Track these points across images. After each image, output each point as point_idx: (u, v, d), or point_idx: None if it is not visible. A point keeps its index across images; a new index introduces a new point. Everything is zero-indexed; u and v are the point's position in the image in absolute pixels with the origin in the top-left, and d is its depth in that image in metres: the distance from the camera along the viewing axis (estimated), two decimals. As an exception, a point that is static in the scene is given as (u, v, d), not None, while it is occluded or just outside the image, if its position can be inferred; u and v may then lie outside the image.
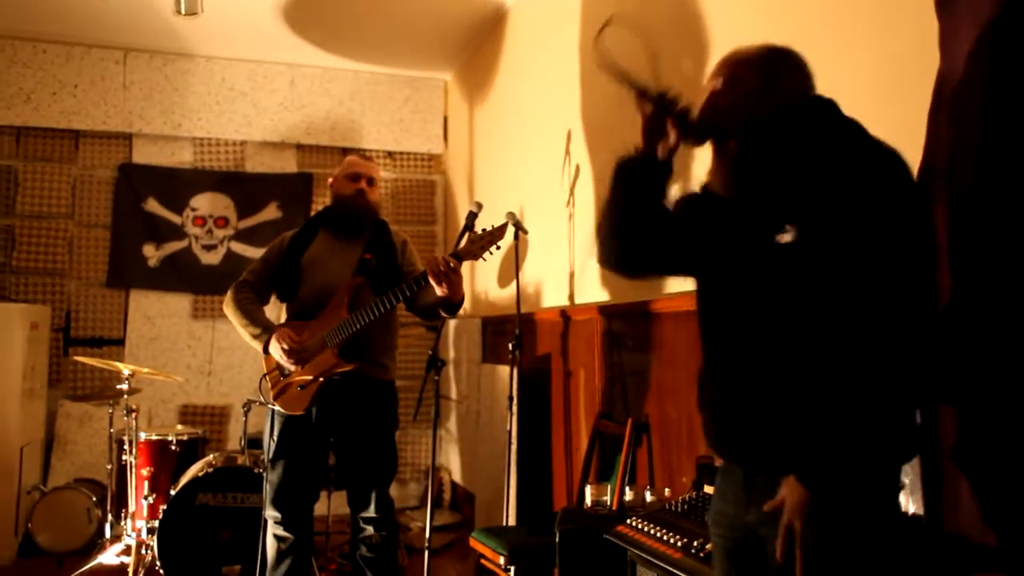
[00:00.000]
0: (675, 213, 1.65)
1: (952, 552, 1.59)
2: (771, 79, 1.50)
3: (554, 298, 3.93)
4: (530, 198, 4.26)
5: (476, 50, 5.29)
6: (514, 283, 3.88)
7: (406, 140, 5.82)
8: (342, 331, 2.92)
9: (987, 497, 1.56)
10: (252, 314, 3.05)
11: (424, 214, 5.88)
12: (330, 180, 3.23)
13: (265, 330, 2.99)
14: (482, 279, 5.05)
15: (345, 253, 3.10)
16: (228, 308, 3.09)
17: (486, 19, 4.85)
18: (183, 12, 4.50)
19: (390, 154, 5.81)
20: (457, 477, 5.33)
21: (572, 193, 3.71)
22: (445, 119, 5.94)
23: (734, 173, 1.53)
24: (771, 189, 1.46)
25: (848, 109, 1.49)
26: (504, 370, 4.16)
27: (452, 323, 5.38)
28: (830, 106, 1.49)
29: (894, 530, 1.38)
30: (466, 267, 5.15)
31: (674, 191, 1.66)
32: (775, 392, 1.42)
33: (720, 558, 1.59)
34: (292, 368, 2.93)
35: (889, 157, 1.36)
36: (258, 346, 3.01)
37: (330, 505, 4.16)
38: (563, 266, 3.78)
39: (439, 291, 2.76)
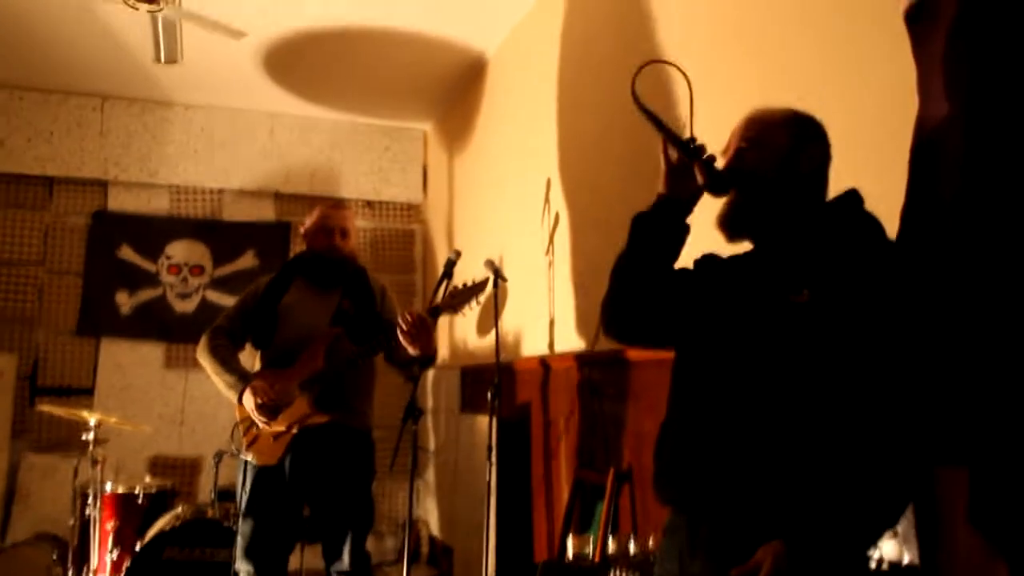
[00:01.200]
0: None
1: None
2: (799, 144, 1.54)
3: (534, 347, 3.89)
4: (509, 246, 4.25)
5: (456, 100, 5.33)
6: (493, 331, 3.84)
7: (385, 189, 5.82)
8: (319, 381, 2.86)
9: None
10: (227, 361, 2.98)
11: (403, 263, 5.85)
12: (302, 229, 3.19)
13: (240, 379, 2.92)
14: (461, 327, 5.00)
15: (322, 300, 3.06)
16: (202, 355, 3.02)
17: (466, 70, 4.89)
18: (163, 60, 4.50)
19: (369, 203, 5.80)
20: (435, 530, 5.21)
21: (552, 241, 3.70)
22: (424, 169, 5.96)
23: (752, 225, 1.55)
24: (790, 255, 1.48)
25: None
26: (483, 420, 4.09)
27: (430, 372, 5.31)
28: (857, 199, 1.52)
29: None
30: (444, 317, 5.11)
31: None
32: (748, 447, 1.40)
33: None
34: (264, 426, 2.86)
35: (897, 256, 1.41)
36: (232, 396, 2.94)
37: (303, 559, 4.02)
38: (543, 314, 3.75)
39: (410, 350, 2.74)
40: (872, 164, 1.87)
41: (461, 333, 5.02)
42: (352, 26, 4.33)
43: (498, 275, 3.59)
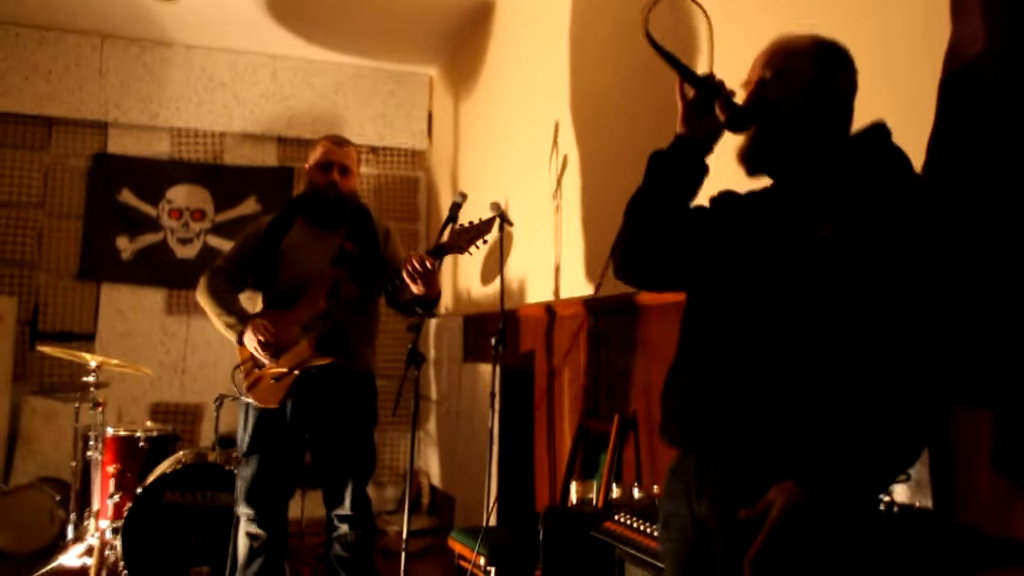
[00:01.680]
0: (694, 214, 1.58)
1: (967, 545, 1.50)
2: (826, 76, 1.44)
3: (539, 293, 3.82)
4: (515, 191, 4.16)
5: (462, 43, 5.19)
6: (497, 280, 3.78)
7: (390, 135, 5.71)
8: (319, 323, 2.80)
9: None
10: (227, 303, 2.92)
11: (407, 211, 5.76)
12: (306, 166, 3.11)
13: (240, 320, 2.86)
14: (464, 276, 4.93)
15: (325, 241, 2.98)
16: (201, 296, 2.96)
17: (473, 11, 4.75)
18: (162, -3, 4.39)
19: (373, 149, 5.69)
20: (436, 481, 5.21)
21: (559, 184, 3.61)
22: (430, 115, 5.84)
23: (774, 158, 1.48)
24: (813, 189, 1.41)
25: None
26: (486, 369, 4.05)
27: (433, 322, 5.27)
28: (883, 132, 1.44)
29: (873, 532, 1.31)
30: (448, 265, 5.06)
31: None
32: (762, 386, 1.34)
33: (670, 562, 1.49)
34: (266, 362, 2.81)
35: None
36: (232, 336, 2.88)
37: (304, 506, 4.02)
38: (549, 260, 3.68)
39: (414, 289, 2.67)
40: (900, 95, 1.78)
41: (464, 282, 4.95)
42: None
43: (504, 218, 3.52)
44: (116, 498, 3.76)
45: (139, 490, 3.48)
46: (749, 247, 1.44)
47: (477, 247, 2.69)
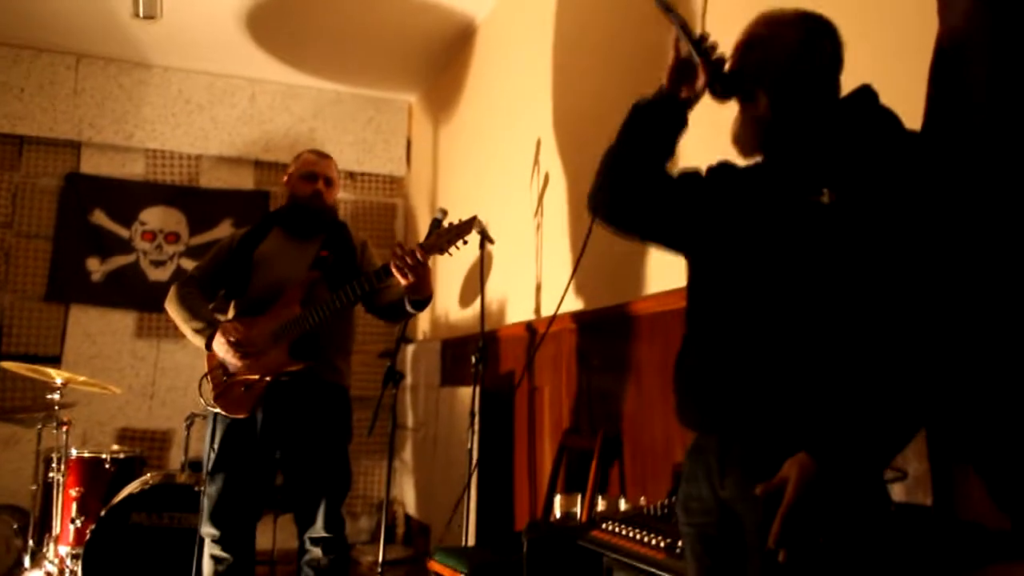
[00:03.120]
0: (676, 182, 1.58)
1: (969, 540, 1.45)
2: (811, 43, 1.45)
3: (519, 313, 3.77)
4: (496, 213, 4.13)
5: (443, 69, 5.20)
6: (476, 302, 3.73)
7: (368, 161, 5.68)
8: (294, 327, 2.72)
9: (998, 484, 1.43)
10: (195, 308, 2.83)
11: (384, 238, 5.70)
12: (284, 177, 3.06)
13: (209, 324, 2.78)
14: (443, 300, 4.88)
15: (301, 250, 2.93)
16: (170, 304, 2.87)
17: (456, 35, 4.77)
18: (141, 15, 4.35)
19: (351, 175, 5.65)
20: (411, 510, 5.07)
21: (541, 202, 3.59)
22: (408, 141, 5.82)
23: (764, 133, 1.46)
24: (807, 156, 1.39)
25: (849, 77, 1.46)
26: (465, 392, 3.97)
27: (410, 347, 5.19)
28: (871, 94, 1.43)
29: (886, 514, 1.27)
30: (433, 289, 4.99)
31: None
32: (773, 361, 1.31)
33: (692, 546, 1.44)
34: (237, 363, 2.71)
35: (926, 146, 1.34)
36: (200, 342, 2.79)
37: (275, 534, 3.88)
38: (530, 279, 3.64)
39: (404, 282, 2.59)
40: (893, 81, 1.78)
41: (443, 306, 4.89)
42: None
43: (484, 235, 3.48)
44: (78, 523, 3.60)
45: (103, 512, 3.34)
46: (749, 218, 1.42)
47: (457, 247, 2.63)
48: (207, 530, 2.76)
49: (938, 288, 1.20)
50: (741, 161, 1.55)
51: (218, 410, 2.72)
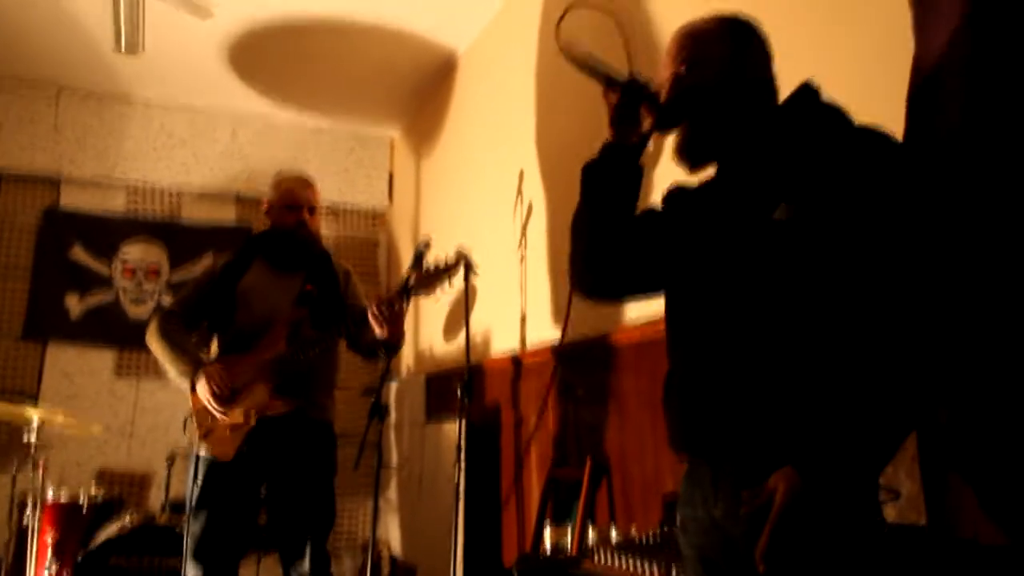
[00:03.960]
0: (644, 218, 1.55)
1: (964, 557, 1.43)
2: (738, 52, 1.42)
3: (504, 345, 3.75)
4: (479, 246, 4.10)
5: (425, 102, 5.22)
6: (461, 335, 3.69)
7: (350, 195, 5.67)
8: (279, 367, 2.69)
9: (988, 493, 1.42)
10: (180, 345, 2.78)
11: (367, 272, 5.67)
12: (264, 204, 3.01)
13: (194, 365, 2.73)
14: (427, 334, 4.84)
15: (284, 283, 2.89)
16: (152, 339, 2.82)
17: (436, 70, 4.80)
18: (123, 50, 4.36)
19: (333, 210, 5.63)
20: (396, 550, 4.98)
21: (524, 233, 3.58)
22: (391, 176, 5.83)
23: (706, 148, 1.44)
24: (758, 171, 1.37)
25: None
26: (450, 428, 3.93)
27: (393, 384, 5.13)
28: (813, 94, 1.41)
29: (878, 532, 1.24)
30: (409, 323, 4.96)
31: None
32: (753, 381, 1.28)
33: (694, 567, 1.41)
34: (218, 415, 2.67)
35: (880, 140, 1.29)
36: (184, 384, 2.74)
37: (259, 574, 3.79)
38: (514, 310, 3.62)
39: (378, 332, 2.59)
40: (869, 110, 1.79)
41: (427, 340, 4.86)
42: (320, 20, 4.23)
43: (469, 266, 3.46)
44: (53, 569, 3.50)
45: (80, 557, 3.25)
46: (710, 242, 1.40)
47: (444, 290, 2.62)
48: (190, 570, 2.69)
49: (907, 293, 1.17)
50: (693, 178, 1.53)
51: (203, 452, 2.67)
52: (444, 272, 2.63)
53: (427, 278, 2.64)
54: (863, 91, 1.83)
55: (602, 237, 1.49)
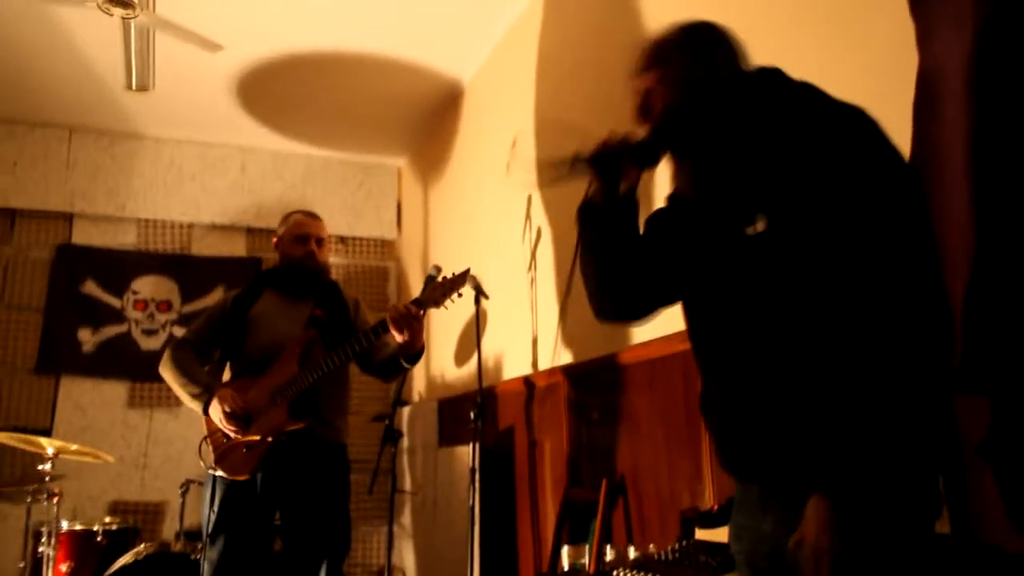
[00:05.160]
0: (647, 236, 1.53)
1: (990, 564, 1.43)
2: (703, 59, 1.38)
3: (516, 368, 3.76)
4: (488, 272, 4.15)
5: (432, 132, 5.29)
6: (472, 360, 3.71)
7: (359, 225, 5.72)
8: (293, 387, 2.71)
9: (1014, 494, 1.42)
10: (191, 372, 2.82)
11: (377, 301, 5.71)
12: (274, 240, 3.10)
13: (206, 389, 2.76)
14: (438, 360, 4.86)
15: (295, 310, 2.94)
16: (165, 368, 2.86)
17: (442, 98, 4.87)
18: (134, 87, 4.43)
19: (342, 239, 5.69)
20: (411, 577, 4.96)
21: (534, 257, 3.61)
22: (399, 205, 5.88)
23: (695, 170, 1.40)
24: (733, 176, 1.32)
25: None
26: (463, 451, 3.93)
27: (406, 409, 5.14)
28: (777, 75, 1.36)
29: (929, 547, 1.19)
30: (424, 342, 4.97)
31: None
32: (773, 402, 1.26)
33: (745, 571, 1.40)
34: (232, 435, 2.69)
35: (854, 117, 1.24)
36: (198, 407, 2.77)
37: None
38: (526, 334, 3.63)
39: (399, 338, 2.61)
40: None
41: (438, 366, 4.87)
42: (326, 53, 4.30)
43: (479, 290, 3.50)
44: (69, 598, 3.50)
45: (96, 586, 3.25)
46: (694, 261, 1.39)
47: (452, 301, 2.65)
48: (207, 597, 2.69)
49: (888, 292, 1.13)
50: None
51: (220, 473, 2.69)
52: (452, 284, 2.66)
53: (435, 289, 2.67)
54: (868, 104, 1.87)
55: (610, 270, 1.49)
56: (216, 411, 2.69)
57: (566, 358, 3.25)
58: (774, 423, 1.26)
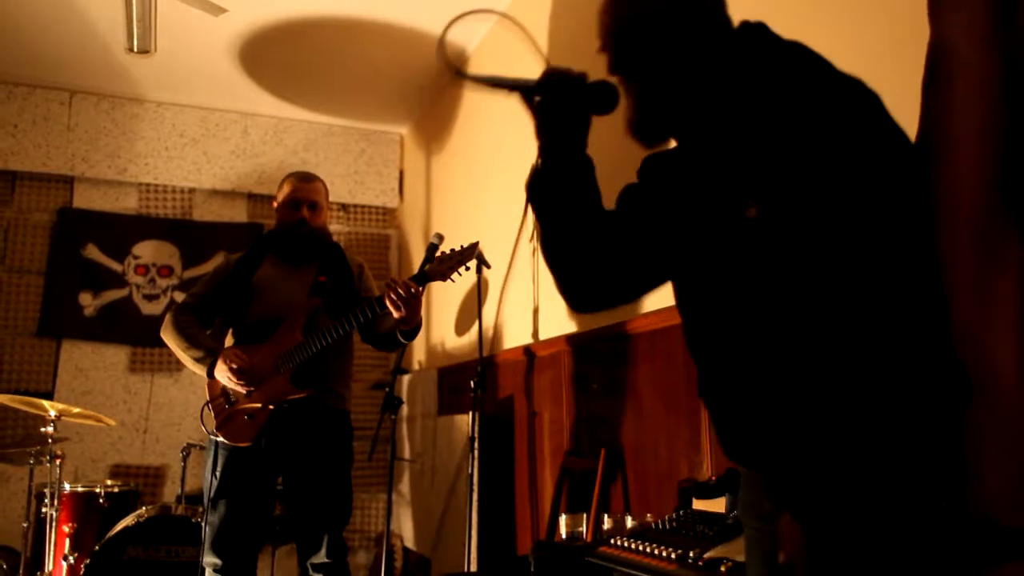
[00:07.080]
0: (621, 211, 1.30)
1: (984, 538, 1.44)
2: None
3: (517, 338, 3.77)
4: (491, 240, 4.14)
5: (435, 100, 5.26)
6: (473, 330, 3.72)
7: (360, 193, 5.71)
8: (296, 355, 2.72)
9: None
10: (194, 336, 2.82)
11: (378, 268, 5.71)
12: (273, 204, 3.07)
13: (209, 352, 2.77)
14: (438, 328, 4.87)
15: (297, 276, 2.93)
16: (166, 333, 2.86)
17: (447, 66, 4.82)
18: (135, 49, 4.38)
19: (344, 207, 5.67)
20: (410, 543, 5.01)
21: (536, 226, 3.60)
22: (401, 173, 5.86)
23: (660, 119, 1.30)
24: (714, 140, 1.19)
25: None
26: (463, 420, 3.96)
27: (406, 377, 5.16)
28: (764, 31, 1.25)
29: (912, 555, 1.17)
30: (421, 318, 5.00)
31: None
32: (769, 394, 1.19)
33: (754, 546, 1.40)
34: (242, 391, 2.70)
35: (852, 86, 1.18)
36: (202, 370, 2.77)
37: (274, 566, 3.82)
38: (527, 303, 3.64)
39: (396, 314, 2.60)
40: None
41: (438, 335, 4.89)
42: (330, 18, 4.25)
43: (481, 259, 3.50)
44: (72, 559, 3.54)
45: (97, 547, 3.29)
46: (685, 241, 1.22)
47: (460, 274, 2.65)
48: (209, 559, 2.72)
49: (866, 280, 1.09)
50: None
51: (222, 438, 2.70)
52: (459, 257, 2.64)
53: (442, 262, 2.65)
54: (875, 84, 1.85)
55: (574, 251, 1.26)
56: (222, 371, 2.70)
57: (569, 327, 3.25)
58: (769, 416, 1.20)
